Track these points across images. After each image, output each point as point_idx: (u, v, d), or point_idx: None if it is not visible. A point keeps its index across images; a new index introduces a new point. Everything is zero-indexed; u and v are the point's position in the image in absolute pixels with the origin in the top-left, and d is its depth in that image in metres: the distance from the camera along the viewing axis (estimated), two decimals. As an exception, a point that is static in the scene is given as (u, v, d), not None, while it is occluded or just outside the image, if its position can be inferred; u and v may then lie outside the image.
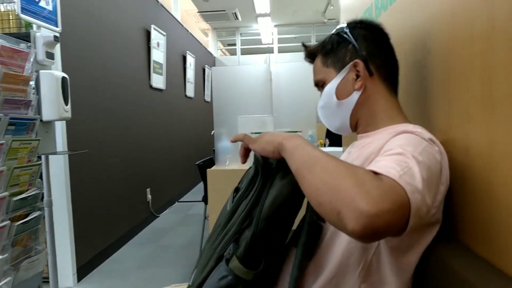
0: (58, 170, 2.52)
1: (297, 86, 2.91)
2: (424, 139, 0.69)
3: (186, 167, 5.59)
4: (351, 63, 0.84)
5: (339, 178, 0.56)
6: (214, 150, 2.88)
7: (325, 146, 3.83)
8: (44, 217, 1.85)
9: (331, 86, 0.87)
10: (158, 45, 4.49)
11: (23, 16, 1.77)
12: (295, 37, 9.98)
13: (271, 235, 0.75)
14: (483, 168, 0.69)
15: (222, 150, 2.79)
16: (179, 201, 5.19)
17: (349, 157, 0.88)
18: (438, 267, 0.70)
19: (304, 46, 0.95)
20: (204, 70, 7.02)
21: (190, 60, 5.99)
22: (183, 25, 5.82)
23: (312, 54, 0.93)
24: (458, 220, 0.77)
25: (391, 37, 0.89)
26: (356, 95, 0.84)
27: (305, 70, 3.05)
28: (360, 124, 0.88)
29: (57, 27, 2.00)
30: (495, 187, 0.65)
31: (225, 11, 7.59)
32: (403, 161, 0.62)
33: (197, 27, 8.84)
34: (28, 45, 1.73)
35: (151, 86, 4.27)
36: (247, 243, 0.72)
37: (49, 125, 1.93)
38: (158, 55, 4.50)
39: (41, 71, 1.84)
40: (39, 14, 1.88)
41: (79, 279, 2.67)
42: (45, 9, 1.93)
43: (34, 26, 1.90)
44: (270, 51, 9.51)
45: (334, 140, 3.70)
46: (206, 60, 7.32)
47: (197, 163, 2.97)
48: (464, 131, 0.75)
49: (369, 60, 0.84)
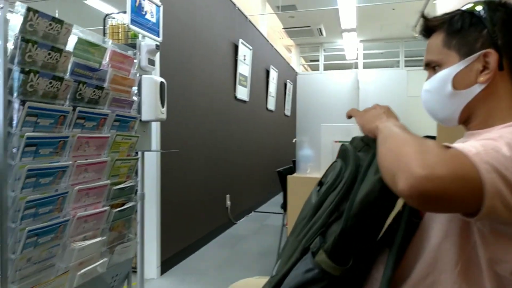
0: (151, 167, 2.73)
1: (386, 96, 2.82)
2: None
3: (264, 178, 5.68)
4: (482, 51, 0.71)
5: (404, 145, 0.58)
6: (293, 161, 2.89)
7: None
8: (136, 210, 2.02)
9: (448, 72, 0.74)
10: (245, 59, 4.70)
11: (132, 27, 2.01)
12: (381, 53, 9.68)
13: (361, 233, 0.72)
14: None
15: (303, 159, 2.80)
16: (256, 210, 5.27)
17: None
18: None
19: (424, 17, 0.81)
20: (285, 85, 7.13)
21: (273, 75, 6.14)
22: (268, 40, 6.02)
23: (431, 29, 0.79)
24: None
25: None
26: (478, 88, 0.72)
27: (394, 78, 2.98)
28: (472, 120, 0.76)
29: (158, 37, 2.22)
30: None
31: (310, 27, 7.68)
32: (491, 144, 0.57)
33: (281, 43, 9.05)
34: (134, 52, 1.94)
35: (235, 97, 4.47)
36: (335, 238, 0.71)
37: (147, 124, 2.13)
38: (244, 68, 4.70)
39: (143, 75, 2.05)
40: (144, 25, 2.11)
41: (162, 272, 2.84)
42: (150, 21, 2.15)
43: (140, 36, 2.13)
44: (354, 67, 9.35)
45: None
46: (288, 75, 7.44)
47: (277, 169, 3.01)
48: None
49: (504, 52, 0.70)
